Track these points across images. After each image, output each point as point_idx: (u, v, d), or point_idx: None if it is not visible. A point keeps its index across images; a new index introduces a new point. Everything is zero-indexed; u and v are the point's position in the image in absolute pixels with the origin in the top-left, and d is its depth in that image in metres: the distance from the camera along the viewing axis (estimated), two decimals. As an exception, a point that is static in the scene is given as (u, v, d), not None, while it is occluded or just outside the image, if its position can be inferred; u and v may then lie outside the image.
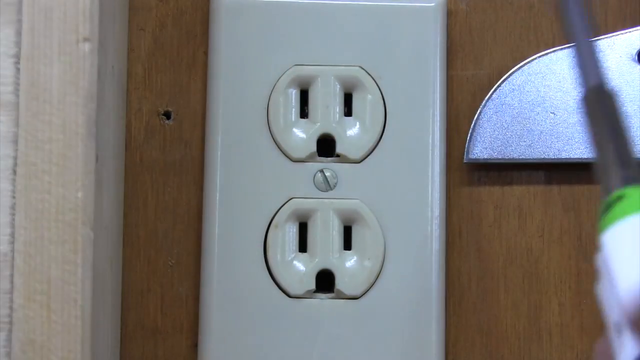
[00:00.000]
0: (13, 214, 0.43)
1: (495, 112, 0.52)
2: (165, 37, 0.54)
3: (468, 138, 0.52)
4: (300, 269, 0.51)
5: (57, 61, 0.43)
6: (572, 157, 0.52)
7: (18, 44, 0.44)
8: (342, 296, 0.51)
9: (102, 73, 0.45)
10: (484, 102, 0.52)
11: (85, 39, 0.44)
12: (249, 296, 0.51)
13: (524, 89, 0.52)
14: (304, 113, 0.52)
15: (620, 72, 0.52)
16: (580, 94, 0.34)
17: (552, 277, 0.53)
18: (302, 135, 0.52)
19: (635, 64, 0.52)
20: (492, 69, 0.54)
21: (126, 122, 0.53)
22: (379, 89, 0.52)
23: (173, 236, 0.53)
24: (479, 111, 0.53)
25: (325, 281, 0.52)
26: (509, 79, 0.52)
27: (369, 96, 0.52)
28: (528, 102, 0.52)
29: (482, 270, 0.53)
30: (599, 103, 0.34)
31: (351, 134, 0.52)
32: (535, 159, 0.52)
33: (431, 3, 0.52)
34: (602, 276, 0.28)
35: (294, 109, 0.52)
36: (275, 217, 0.51)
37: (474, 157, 0.52)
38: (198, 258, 0.52)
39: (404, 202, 0.51)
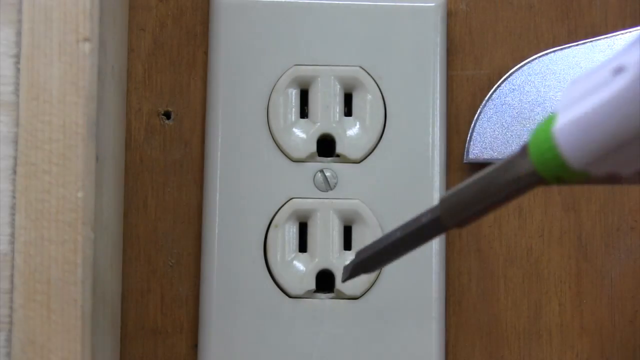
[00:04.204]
0: (13, 214, 0.43)
1: (495, 112, 0.52)
2: (165, 37, 0.54)
3: (468, 138, 0.52)
4: (300, 269, 0.51)
5: (57, 61, 0.43)
6: (572, 157, 0.52)
7: (18, 44, 0.44)
8: (342, 296, 0.51)
9: (102, 73, 0.45)
10: (484, 102, 0.53)
11: (85, 39, 0.44)
12: (249, 296, 0.51)
13: (524, 89, 0.52)
14: (304, 113, 0.52)
15: (620, 72, 0.52)
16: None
17: (552, 277, 0.53)
18: (302, 135, 0.52)
19: (635, 64, 0.52)
20: (492, 69, 0.54)
21: (126, 122, 0.53)
22: (379, 89, 0.52)
23: (173, 236, 0.53)
24: (479, 111, 0.53)
25: (325, 281, 0.52)
26: (509, 79, 0.52)
27: (369, 96, 0.52)
28: (528, 102, 0.52)
29: (482, 270, 0.53)
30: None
31: (351, 134, 0.52)
32: (535, 159, 0.52)
33: (431, 3, 0.52)
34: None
35: (294, 109, 0.52)
36: (275, 217, 0.51)
37: (474, 157, 0.52)
38: (198, 258, 0.52)
39: (404, 202, 0.52)
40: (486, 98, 0.53)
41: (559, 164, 0.27)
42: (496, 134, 0.52)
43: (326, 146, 0.52)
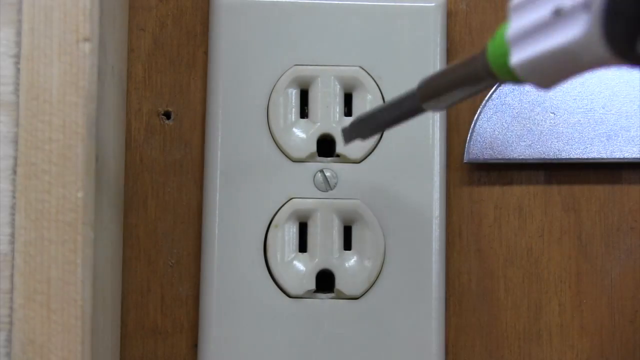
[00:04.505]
0: (13, 214, 0.43)
1: (495, 112, 0.52)
2: (165, 37, 0.54)
3: (468, 138, 0.52)
4: (300, 269, 0.51)
5: (57, 61, 0.43)
6: (572, 157, 0.52)
7: (18, 44, 0.44)
8: (342, 296, 0.51)
9: (102, 73, 0.45)
10: (484, 102, 0.52)
11: (85, 39, 0.44)
12: (249, 296, 0.51)
13: (524, 89, 0.52)
14: (304, 113, 0.52)
15: (620, 72, 0.52)
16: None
17: (552, 277, 0.53)
18: (302, 135, 0.52)
19: (635, 64, 0.52)
20: (492, 69, 0.54)
21: (126, 122, 0.53)
22: (379, 89, 0.52)
23: (173, 236, 0.53)
24: (479, 111, 0.53)
25: (325, 281, 0.52)
26: (509, 79, 0.52)
27: (369, 96, 0.52)
28: (528, 102, 0.52)
29: (482, 270, 0.53)
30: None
31: (351, 134, 0.52)
32: (535, 159, 0.52)
33: (431, 3, 0.52)
34: None
35: (294, 109, 0.52)
36: (275, 217, 0.51)
37: (474, 157, 0.52)
38: (198, 258, 0.52)
39: (404, 202, 0.52)
40: (486, 98, 0.53)
41: (514, 78, 0.35)
42: (496, 134, 0.52)
43: (326, 146, 0.52)
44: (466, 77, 0.38)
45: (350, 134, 0.46)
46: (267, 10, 0.52)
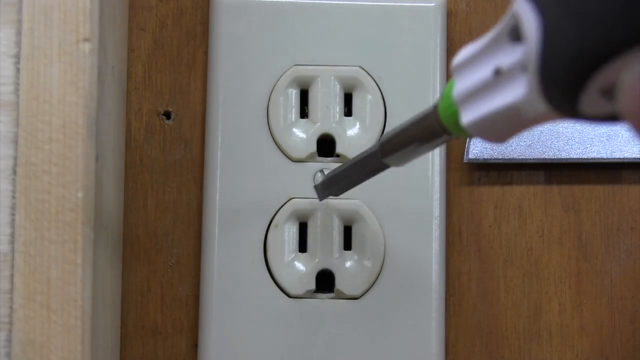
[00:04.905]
0: (13, 214, 0.43)
1: (495, 112, 0.52)
2: (165, 37, 0.54)
3: (468, 138, 0.52)
4: (300, 269, 0.51)
5: (57, 61, 0.43)
6: (572, 156, 0.52)
7: (18, 44, 0.44)
8: (342, 296, 0.51)
9: (102, 73, 0.45)
10: (484, 102, 0.52)
11: (85, 39, 0.44)
12: (249, 296, 0.51)
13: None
14: (304, 113, 0.52)
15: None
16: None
17: (552, 277, 0.53)
18: (302, 135, 0.52)
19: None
20: (492, 69, 0.54)
21: (126, 122, 0.53)
22: (379, 89, 0.52)
23: (173, 236, 0.53)
24: (479, 111, 0.52)
25: (325, 281, 0.52)
26: (509, 79, 0.52)
27: (369, 96, 0.52)
28: (528, 102, 0.52)
29: (482, 270, 0.53)
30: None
31: (351, 133, 0.52)
32: (535, 158, 0.52)
33: (431, 3, 0.52)
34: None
35: (294, 109, 0.52)
36: (275, 217, 0.51)
37: (474, 157, 0.52)
38: (198, 258, 0.52)
39: (404, 202, 0.52)
40: (486, 98, 0.52)
41: (467, 134, 0.37)
42: (496, 134, 0.52)
43: (326, 146, 0.52)
44: (422, 133, 0.40)
45: (323, 191, 0.48)
46: (267, 10, 0.52)
